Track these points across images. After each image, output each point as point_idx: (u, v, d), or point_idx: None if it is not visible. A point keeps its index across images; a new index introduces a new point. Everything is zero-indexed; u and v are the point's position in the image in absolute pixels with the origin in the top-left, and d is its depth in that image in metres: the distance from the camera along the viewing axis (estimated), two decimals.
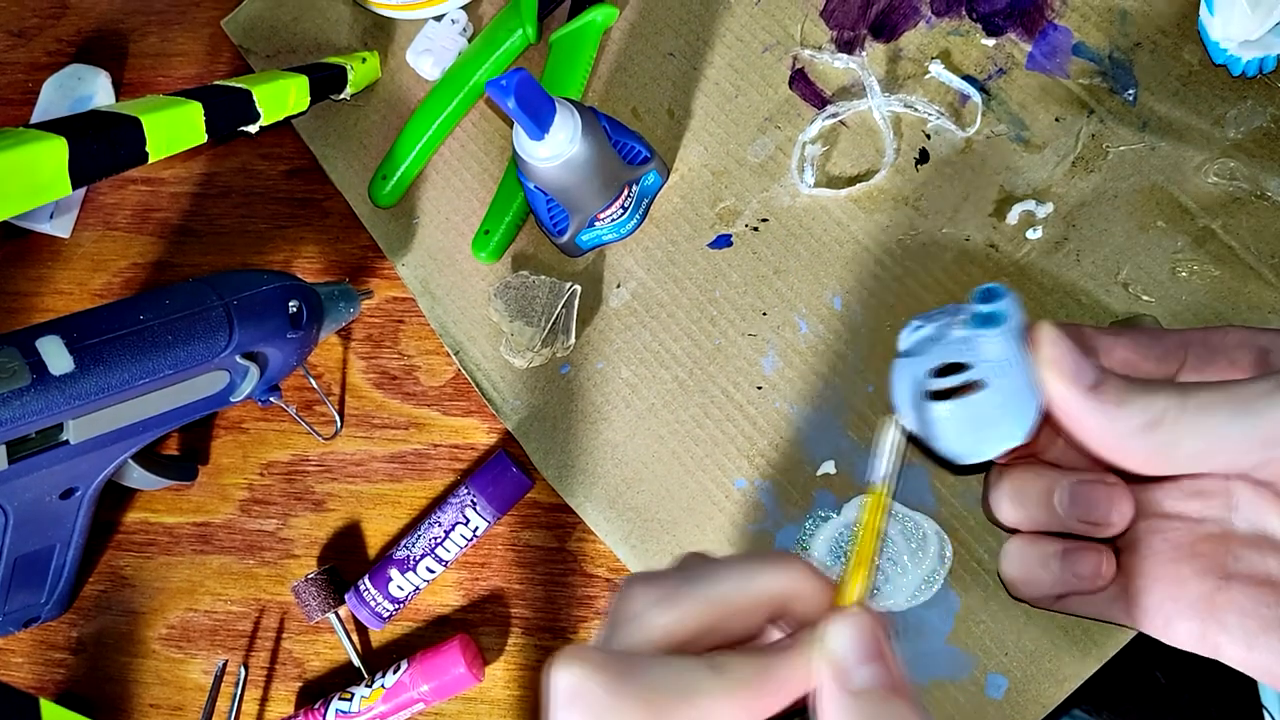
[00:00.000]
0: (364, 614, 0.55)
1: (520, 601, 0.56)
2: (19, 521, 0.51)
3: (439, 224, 0.59)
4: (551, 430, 0.55)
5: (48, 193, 0.47)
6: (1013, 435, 0.38)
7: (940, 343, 0.39)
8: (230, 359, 0.51)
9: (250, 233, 0.64)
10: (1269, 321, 0.47)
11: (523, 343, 0.55)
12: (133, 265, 0.65)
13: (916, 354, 0.40)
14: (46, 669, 0.62)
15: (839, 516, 0.50)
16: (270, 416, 0.61)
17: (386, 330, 0.60)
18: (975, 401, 0.38)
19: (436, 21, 0.61)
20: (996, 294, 0.38)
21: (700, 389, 0.53)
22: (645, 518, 0.53)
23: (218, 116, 0.53)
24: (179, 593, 0.61)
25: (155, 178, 0.66)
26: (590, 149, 0.49)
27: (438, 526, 0.55)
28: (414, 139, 0.60)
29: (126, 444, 0.52)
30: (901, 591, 0.48)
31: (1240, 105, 0.49)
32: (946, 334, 0.39)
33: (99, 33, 0.69)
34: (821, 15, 0.55)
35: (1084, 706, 0.49)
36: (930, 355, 0.39)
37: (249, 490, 0.61)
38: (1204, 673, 0.39)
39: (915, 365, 0.39)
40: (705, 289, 0.54)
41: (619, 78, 0.58)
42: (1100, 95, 0.51)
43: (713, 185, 0.55)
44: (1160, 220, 0.49)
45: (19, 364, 0.45)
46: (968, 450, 0.39)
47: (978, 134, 0.52)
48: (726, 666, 0.31)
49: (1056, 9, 0.52)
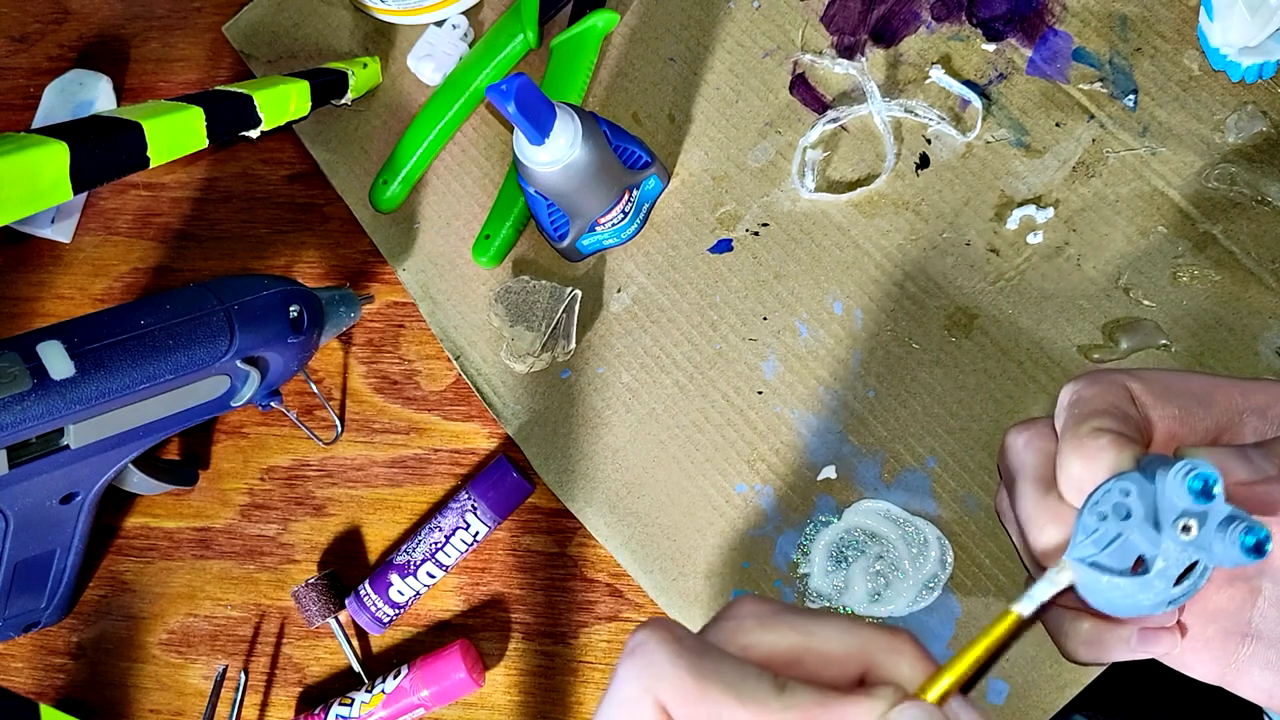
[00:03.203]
0: (364, 619, 0.55)
1: (521, 606, 0.56)
2: (19, 526, 0.51)
3: (440, 229, 0.60)
4: (552, 435, 0.55)
5: (49, 198, 0.47)
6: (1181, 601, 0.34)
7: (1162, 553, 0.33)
8: (231, 364, 0.51)
9: (251, 237, 0.64)
10: (1269, 326, 0.47)
11: (523, 348, 0.55)
12: (134, 270, 0.65)
13: (1116, 565, 0.33)
14: (46, 674, 0.62)
15: (839, 521, 0.50)
16: (271, 421, 0.61)
17: (387, 335, 0.61)
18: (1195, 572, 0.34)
19: (437, 27, 0.61)
20: (1210, 486, 0.33)
21: (701, 394, 0.53)
22: (646, 523, 0.53)
23: (219, 122, 0.53)
24: (179, 598, 0.61)
25: (156, 183, 0.66)
26: (591, 154, 0.49)
27: (438, 531, 0.55)
28: (415, 144, 0.60)
29: (127, 449, 0.52)
30: (902, 597, 0.48)
31: (1240, 111, 0.49)
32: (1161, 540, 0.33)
33: (100, 38, 0.70)
34: (822, 20, 0.55)
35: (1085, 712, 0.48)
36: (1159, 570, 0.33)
37: (249, 495, 0.61)
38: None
39: (1140, 583, 0.33)
40: (706, 294, 0.54)
41: (620, 83, 0.58)
42: (1100, 100, 0.51)
43: (713, 190, 0.55)
44: (1161, 225, 0.49)
45: (20, 369, 0.45)
46: (1124, 611, 0.34)
47: (978, 139, 0.52)
48: (790, 688, 0.31)
49: (1057, 14, 0.52)
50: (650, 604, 0.53)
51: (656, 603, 0.52)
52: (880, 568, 0.49)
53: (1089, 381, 0.38)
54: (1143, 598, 0.33)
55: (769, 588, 0.50)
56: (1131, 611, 0.34)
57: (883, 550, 0.49)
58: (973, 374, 0.50)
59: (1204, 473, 0.33)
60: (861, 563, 0.49)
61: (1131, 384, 0.38)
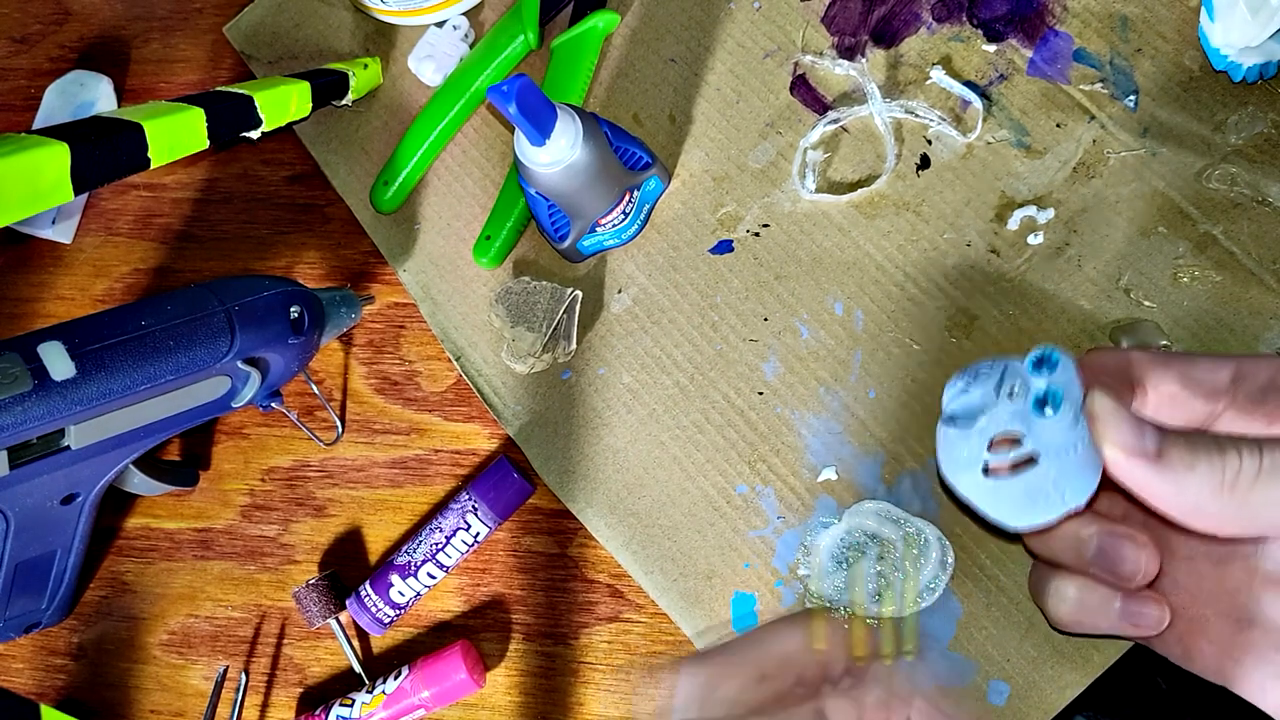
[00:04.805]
0: (365, 620, 0.55)
1: (521, 607, 0.56)
2: (20, 527, 0.51)
3: (440, 230, 0.60)
4: (552, 436, 0.55)
5: (50, 198, 0.47)
6: (1070, 504, 0.36)
7: (990, 413, 0.37)
8: (232, 364, 0.51)
9: (252, 238, 0.64)
10: (1270, 327, 0.47)
11: (524, 348, 0.55)
12: (134, 271, 0.65)
13: (963, 419, 0.38)
14: (47, 675, 0.62)
15: (840, 522, 0.50)
16: (271, 422, 0.61)
17: (388, 336, 0.61)
18: (1033, 476, 0.36)
19: (438, 27, 0.61)
20: (1051, 362, 0.36)
21: (701, 394, 0.53)
22: (646, 523, 0.53)
23: (219, 122, 0.53)
24: (180, 598, 0.61)
25: (157, 183, 0.66)
26: (591, 155, 0.49)
27: (439, 532, 0.55)
28: (416, 145, 0.60)
29: (128, 449, 0.52)
30: (903, 598, 0.48)
31: (1241, 111, 0.49)
32: (996, 403, 0.37)
33: (101, 39, 0.70)
34: (822, 21, 0.55)
35: (1086, 713, 0.48)
36: (980, 426, 0.37)
37: (250, 496, 0.61)
38: (1206, 679, 0.39)
39: (963, 434, 0.38)
40: (706, 294, 0.54)
41: (620, 83, 0.58)
42: (1101, 101, 0.51)
43: (714, 191, 0.55)
44: (1161, 226, 0.49)
45: (21, 369, 0.45)
46: (1022, 520, 0.37)
47: (979, 139, 0.52)
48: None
49: (1057, 15, 0.52)
50: (651, 605, 0.53)
51: (657, 604, 0.52)
52: (881, 569, 0.49)
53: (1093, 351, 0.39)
54: (962, 449, 0.37)
55: (769, 588, 0.50)
56: (953, 467, 0.38)
57: (883, 551, 0.49)
58: None
59: (1047, 351, 0.36)
60: (862, 564, 0.49)
61: (1133, 354, 0.39)
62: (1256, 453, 0.34)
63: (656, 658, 0.53)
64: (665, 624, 0.53)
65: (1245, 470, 0.33)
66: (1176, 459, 0.34)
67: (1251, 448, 0.34)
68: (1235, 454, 0.34)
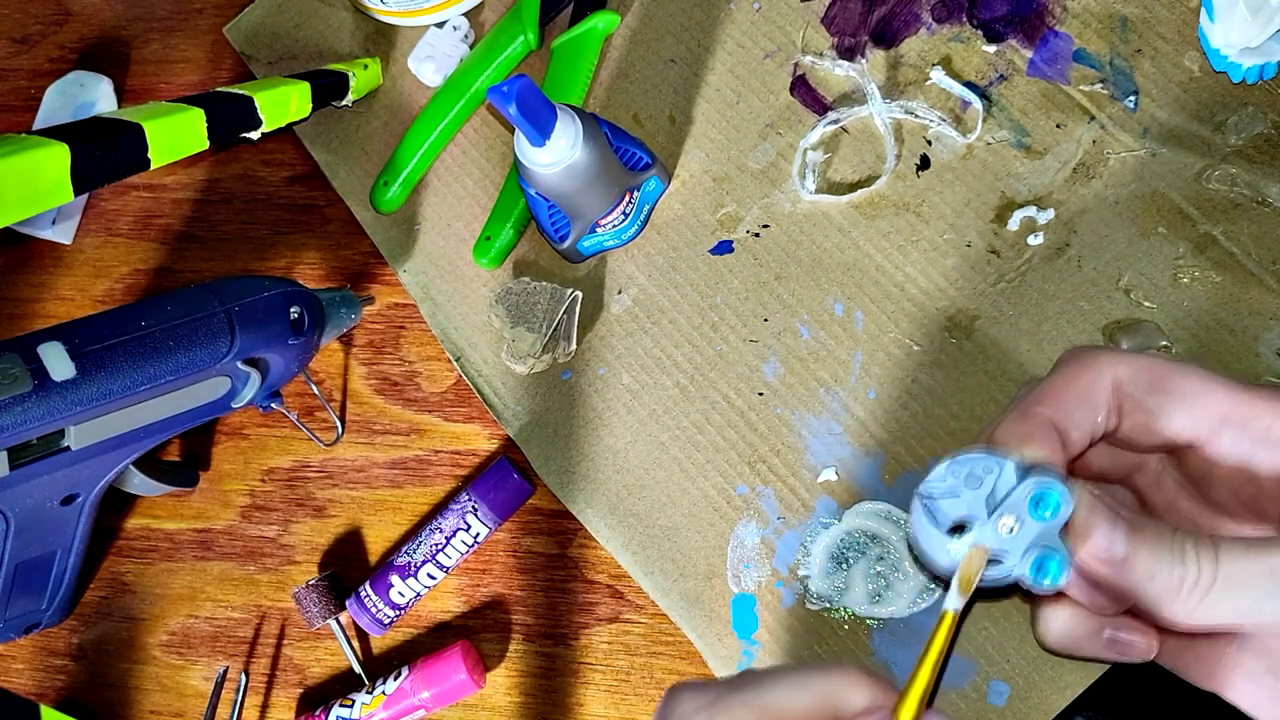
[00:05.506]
0: (365, 620, 0.55)
1: (521, 608, 0.56)
2: (20, 528, 0.51)
3: (440, 230, 0.60)
4: (552, 436, 0.55)
5: (50, 199, 0.47)
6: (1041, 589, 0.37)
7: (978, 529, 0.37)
8: (232, 365, 0.51)
9: (252, 239, 0.64)
10: (1270, 328, 0.47)
11: (524, 349, 0.55)
12: (134, 271, 0.65)
13: (942, 519, 0.38)
14: (47, 675, 0.62)
15: (840, 523, 0.50)
16: (271, 422, 0.61)
17: (388, 336, 0.61)
18: (1004, 567, 0.37)
19: (438, 28, 0.61)
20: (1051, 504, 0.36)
21: (701, 395, 0.53)
22: (646, 524, 0.53)
23: (219, 123, 0.53)
24: (180, 599, 0.61)
25: (157, 184, 0.66)
26: (591, 155, 0.49)
27: (439, 532, 0.55)
28: (416, 145, 0.60)
29: (128, 450, 0.52)
30: (903, 598, 0.48)
31: (1241, 112, 0.49)
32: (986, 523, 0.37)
33: (101, 39, 0.70)
34: (822, 22, 0.55)
35: (1086, 714, 0.48)
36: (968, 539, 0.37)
37: (250, 496, 0.61)
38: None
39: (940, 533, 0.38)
40: (706, 295, 0.54)
41: (620, 84, 0.58)
42: (1101, 102, 0.51)
43: (714, 191, 0.55)
44: (1161, 226, 0.49)
45: (21, 370, 0.45)
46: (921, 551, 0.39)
47: (979, 140, 0.52)
48: None
49: (1057, 15, 0.52)
50: (651, 605, 0.53)
51: (657, 604, 0.52)
52: (881, 569, 0.49)
53: (1079, 361, 0.39)
54: (937, 552, 0.38)
55: (769, 589, 0.50)
56: (926, 555, 0.38)
57: (883, 551, 0.49)
58: (974, 375, 0.50)
59: (1050, 494, 0.36)
60: (862, 564, 0.49)
61: (1119, 371, 0.38)
62: (1213, 562, 0.35)
63: (656, 659, 0.53)
64: (665, 625, 0.53)
65: (1202, 580, 0.35)
66: (1139, 567, 0.35)
67: (1209, 557, 0.35)
68: (1195, 564, 0.35)
